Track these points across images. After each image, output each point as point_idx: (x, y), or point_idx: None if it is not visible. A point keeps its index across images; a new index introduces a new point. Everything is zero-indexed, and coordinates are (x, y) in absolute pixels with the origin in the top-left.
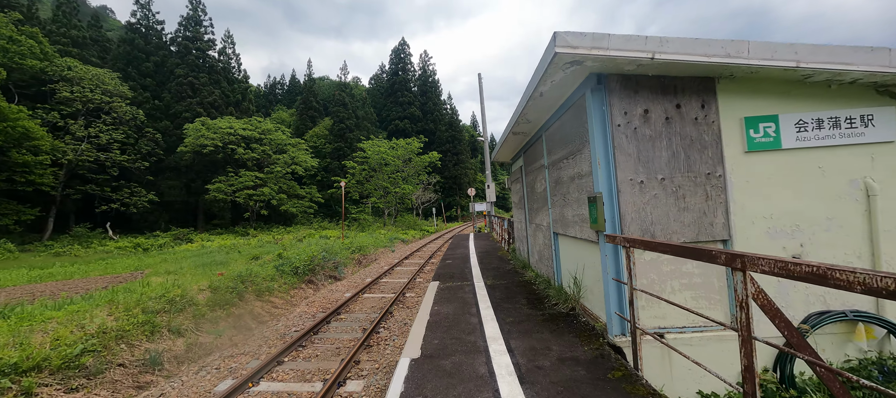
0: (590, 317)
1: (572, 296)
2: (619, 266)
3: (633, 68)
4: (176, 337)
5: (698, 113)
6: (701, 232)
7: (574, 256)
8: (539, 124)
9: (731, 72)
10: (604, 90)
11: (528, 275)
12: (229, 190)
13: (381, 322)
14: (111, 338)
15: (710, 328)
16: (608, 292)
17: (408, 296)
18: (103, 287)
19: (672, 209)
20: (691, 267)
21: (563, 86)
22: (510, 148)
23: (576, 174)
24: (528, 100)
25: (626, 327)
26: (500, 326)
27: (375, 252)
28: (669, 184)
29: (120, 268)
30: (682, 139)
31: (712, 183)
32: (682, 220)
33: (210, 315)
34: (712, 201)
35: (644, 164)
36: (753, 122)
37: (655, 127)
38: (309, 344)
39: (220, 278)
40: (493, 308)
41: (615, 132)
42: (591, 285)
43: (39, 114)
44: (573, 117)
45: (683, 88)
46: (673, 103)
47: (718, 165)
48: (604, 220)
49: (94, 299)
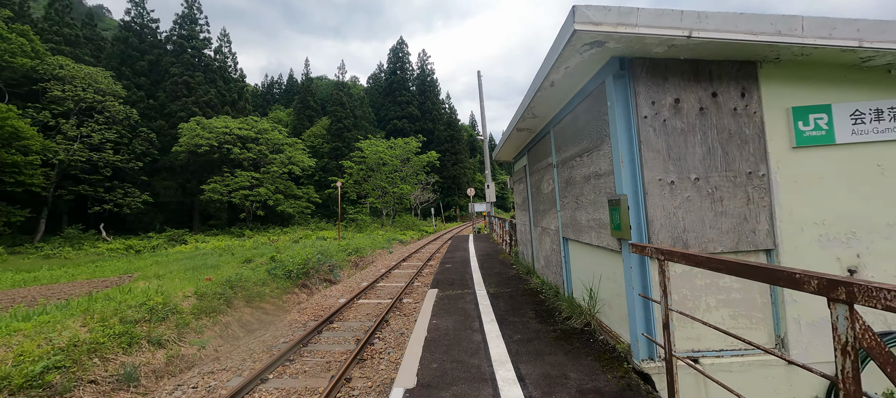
0: (609, 336)
1: (587, 311)
2: (646, 280)
3: (664, 50)
4: (156, 349)
5: (738, 102)
6: (741, 240)
7: (588, 265)
8: (547, 119)
9: (777, 53)
10: (628, 77)
11: (534, 283)
12: (225, 190)
13: (376, 331)
14: (83, 351)
15: (751, 351)
16: (633, 310)
17: (405, 302)
18: (86, 293)
19: (708, 214)
20: (730, 280)
21: (579, 73)
22: (513, 146)
23: (592, 173)
24: (536, 91)
25: (655, 351)
26: (507, 346)
27: (372, 254)
28: (704, 184)
29: (108, 271)
30: (719, 133)
31: (754, 183)
32: (719, 227)
33: (195, 324)
34: (754, 205)
35: (675, 162)
36: (802, 113)
37: (688, 119)
38: (297, 357)
39: (207, 283)
40: (497, 322)
41: (641, 125)
42: (610, 299)
43: (30, 113)
44: (589, 109)
45: (720, 74)
46: (708, 91)
47: (761, 163)
48: (629, 227)
49: (71, 308)
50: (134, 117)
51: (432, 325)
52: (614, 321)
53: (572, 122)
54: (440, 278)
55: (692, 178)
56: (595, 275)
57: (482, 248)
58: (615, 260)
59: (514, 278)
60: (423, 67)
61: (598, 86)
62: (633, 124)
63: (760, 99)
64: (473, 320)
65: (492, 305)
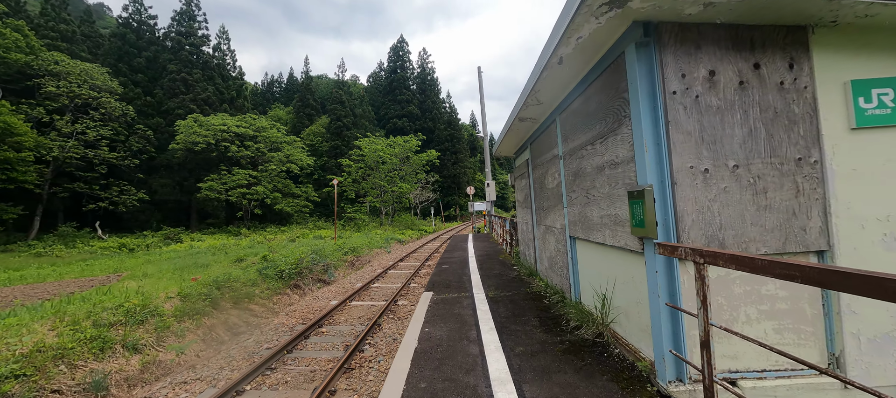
0: (626, 350)
1: (598, 319)
2: (675, 287)
3: (698, 11)
4: (131, 354)
5: (785, 75)
6: (789, 240)
7: (601, 268)
8: (553, 105)
9: (835, 15)
10: (653, 45)
11: (537, 286)
12: (222, 188)
13: (367, 336)
14: (48, 358)
15: (800, 372)
16: (659, 322)
17: (400, 305)
18: (69, 293)
19: (748, 207)
20: (773, 287)
21: (593, 45)
22: (515, 139)
23: (606, 162)
24: (542, 70)
25: (685, 371)
26: (508, 360)
27: (369, 253)
28: (745, 173)
29: (98, 270)
30: (763, 111)
31: (805, 172)
32: (762, 224)
33: (177, 327)
34: (805, 197)
35: (709, 146)
36: (864, 88)
37: (725, 95)
38: (280, 366)
39: (193, 284)
40: (497, 331)
41: (669, 102)
42: (627, 307)
43: (24, 109)
44: (605, 87)
45: (764, 42)
46: (749, 62)
47: (813, 147)
48: (654, 223)
49: (43, 310)
50: (130, 114)
51: (424, 334)
52: (632, 333)
53: (583, 105)
54: (436, 280)
55: (730, 165)
56: (609, 279)
57: (482, 249)
58: (635, 262)
59: (516, 280)
60: (423, 66)
61: (616, 58)
62: (660, 102)
63: (812, 71)
64: (470, 328)
65: (491, 311)
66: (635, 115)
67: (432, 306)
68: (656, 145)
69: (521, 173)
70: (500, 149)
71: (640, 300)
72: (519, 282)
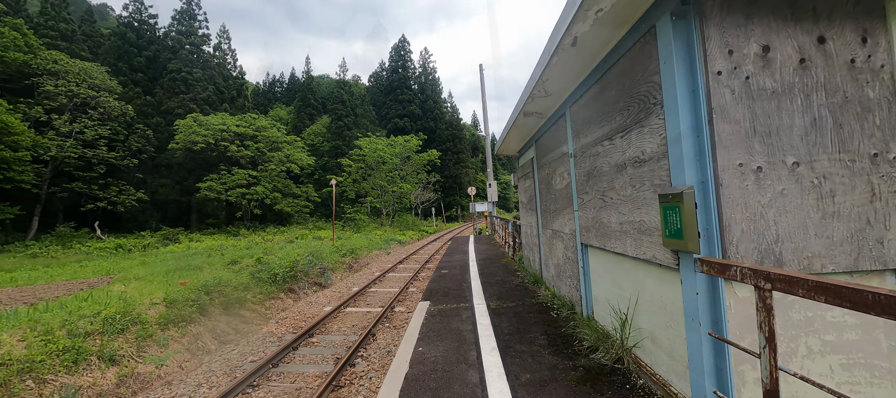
0: (652, 381)
1: (617, 342)
2: (719, 313)
3: None
4: (108, 366)
5: (857, 51)
6: (862, 254)
7: (620, 281)
8: (563, 97)
9: None
10: (693, 15)
11: (543, 295)
12: (221, 188)
13: (359, 348)
14: (13, 372)
15: None
16: (700, 355)
17: (397, 311)
18: (54, 297)
19: (812, 215)
20: (841, 315)
21: (614, 20)
22: (518, 136)
23: (629, 160)
24: (551, 56)
25: None
26: (512, 392)
27: (369, 255)
28: (807, 172)
29: (91, 272)
30: (830, 96)
31: (882, 171)
32: (828, 235)
33: (159, 336)
34: (882, 202)
35: (763, 139)
36: None
37: (782, 75)
38: (263, 382)
39: (180, 289)
40: (500, 352)
41: (713, 84)
42: (654, 331)
43: (22, 108)
44: (628, 71)
45: (830, 11)
46: (812, 35)
47: (892, 141)
48: (697, 234)
49: (15, 317)
50: (130, 113)
51: (417, 355)
52: (661, 362)
53: (599, 94)
54: (434, 287)
55: (789, 162)
56: (630, 295)
57: (483, 251)
58: (665, 279)
59: (519, 288)
60: (425, 65)
61: (644, 34)
62: (701, 84)
63: (891, 46)
64: (470, 348)
65: (493, 326)
66: (670, 102)
67: (428, 319)
68: (695, 137)
69: (525, 173)
70: (503, 148)
71: (671, 324)
72: (523, 291)
